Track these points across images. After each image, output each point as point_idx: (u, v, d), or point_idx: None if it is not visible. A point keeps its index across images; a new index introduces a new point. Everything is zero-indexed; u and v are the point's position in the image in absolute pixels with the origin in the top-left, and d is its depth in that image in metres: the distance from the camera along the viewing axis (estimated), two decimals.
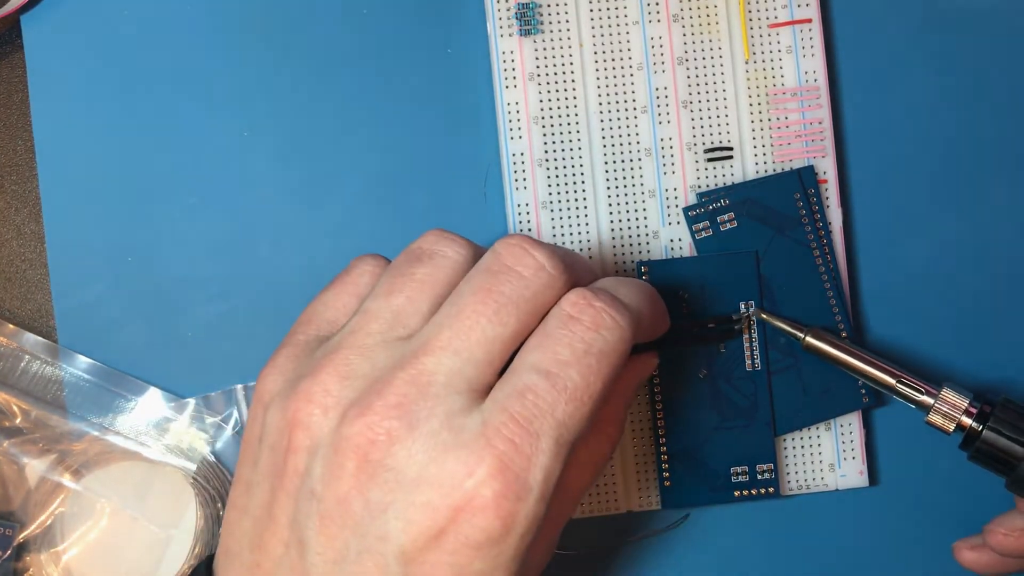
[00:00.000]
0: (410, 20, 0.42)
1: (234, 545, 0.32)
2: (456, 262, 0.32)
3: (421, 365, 0.30)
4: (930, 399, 0.39)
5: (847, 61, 0.43)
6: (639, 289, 0.34)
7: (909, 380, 0.39)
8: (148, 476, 0.41)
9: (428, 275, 0.32)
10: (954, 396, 0.39)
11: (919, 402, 0.39)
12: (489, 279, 0.31)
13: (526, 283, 0.31)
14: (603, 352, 0.31)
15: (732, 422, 0.40)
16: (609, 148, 0.41)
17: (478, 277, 0.31)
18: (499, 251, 0.32)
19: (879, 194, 0.43)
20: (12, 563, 0.40)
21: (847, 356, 0.39)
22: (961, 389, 0.39)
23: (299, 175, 0.42)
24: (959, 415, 0.39)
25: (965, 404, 0.39)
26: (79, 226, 0.41)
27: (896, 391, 0.39)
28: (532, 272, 0.31)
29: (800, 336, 0.40)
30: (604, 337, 0.31)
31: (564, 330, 0.31)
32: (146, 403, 0.41)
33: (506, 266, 0.31)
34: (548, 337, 0.31)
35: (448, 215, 0.42)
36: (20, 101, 0.42)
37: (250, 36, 0.41)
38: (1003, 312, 0.43)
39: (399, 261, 0.33)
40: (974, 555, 0.41)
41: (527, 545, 0.29)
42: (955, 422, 0.39)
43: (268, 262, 0.41)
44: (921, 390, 0.39)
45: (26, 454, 0.40)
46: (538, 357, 0.30)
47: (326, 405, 0.30)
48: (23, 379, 0.41)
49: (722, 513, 0.42)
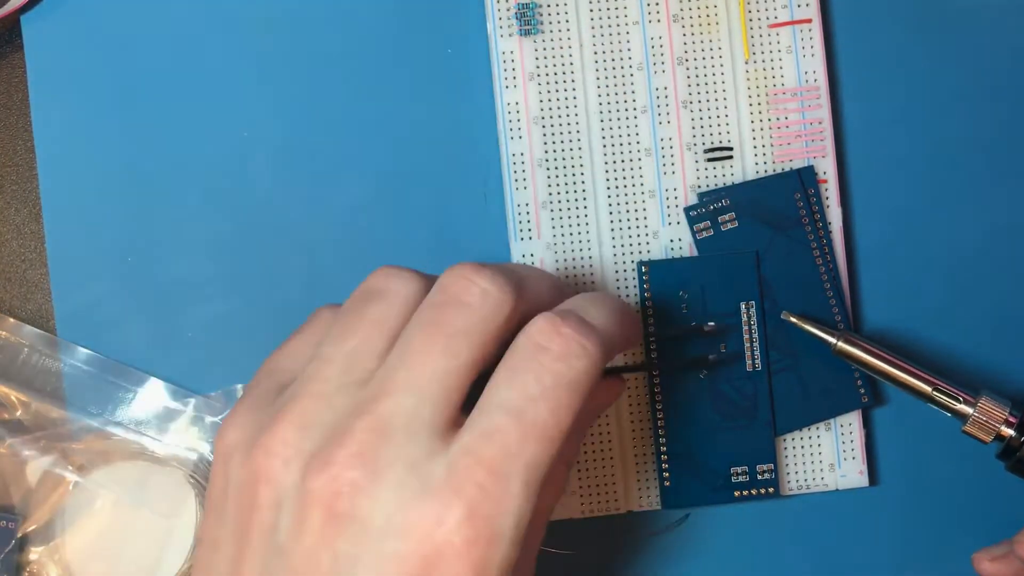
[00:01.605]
0: (410, 20, 0.42)
1: None
2: (407, 298, 0.32)
3: (379, 410, 0.29)
4: (968, 408, 0.38)
5: (847, 61, 0.43)
6: (609, 306, 0.33)
7: (946, 388, 0.38)
8: (149, 474, 0.41)
9: (380, 314, 0.31)
10: (993, 405, 0.38)
11: (957, 411, 0.38)
12: (436, 313, 0.30)
13: (472, 310, 0.30)
14: (572, 382, 0.30)
15: (732, 422, 0.40)
16: (609, 148, 0.41)
17: (425, 312, 0.31)
18: (444, 283, 0.31)
19: (879, 194, 0.43)
20: (15, 556, 0.40)
21: (880, 362, 0.39)
22: (999, 398, 0.38)
23: (299, 175, 0.42)
24: (999, 425, 0.38)
25: (1005, 414, 0.38)
26: (79, 226, 0.41)
27: (933, 399, 0.38)
28: (478, 299, 0.30)
29: (832, 341, 0.39)
30: (573, 367, 0.30)
31: (531, 362, 0.30)
32: (147, 394, 0.41)
33: (451, 296, 0.30)
34: (514, 371, 0.30)
35: (448, 215, 0.42)
36: (20, 101, 0.42)
37: (250, 36, 0.41)
38: (1003, 312, 0.43)
39: (350, 302, 0.32)
40: (996, 567, 0.40)
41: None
42: (994, 432, 0.38)
43: (268, 262, 0.41)
44: (959, 399, 0.38)
45: (27, 448, 0.40)
46: (505, 394, 0.29)
47: (287, 457, 0.29)
48: (23, 371, 0.41)
49: (722, 513, 0.42)
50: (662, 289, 0.40)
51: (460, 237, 0.42)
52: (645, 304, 0.40)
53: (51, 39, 0.41)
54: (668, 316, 0.40)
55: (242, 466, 0.30)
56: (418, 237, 0.41)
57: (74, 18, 0.41)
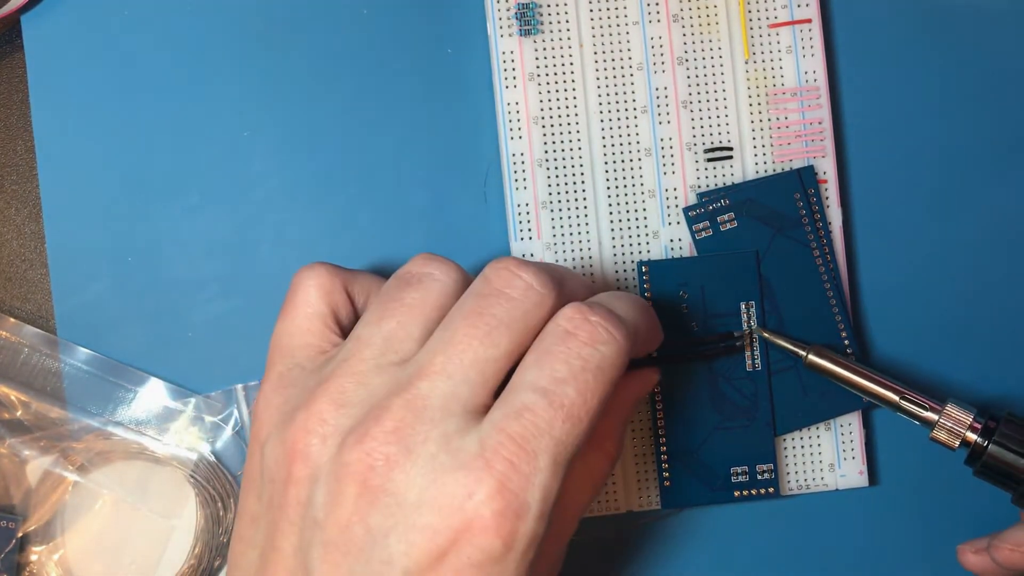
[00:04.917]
0: (410, 20, 0.42)
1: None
2: (446, 285, 0.33)
3: (416, 389, 0.30)
4: (934, 415, 0.39)
5: (847, 61, 0.43)
6: (634, 303, 0.34)
7: (913, 396, 0.39)
8: (149, 474, 0.41)
9: (418, 299, 0.32)
10: (958, 412, 0.39)
11: (923, 418, 0.39)
12: (479, 302, 0.31)
13: (516, 304, 0.31)
14: (600, 367, 0.31)
15: (732, 422, 0.40)
16: (609, 148, 0.41)
17: (469, 302, 0.32)
18: (488, 275, 0.32)
19: (879, 194, 0.43)
20: (15, 556, 0.40)
21: (849, 373, 0.39)
22: (965, 404, 0.39)
23: (299, 175, 0.42)
24: (964, 431, 0.38)
25: (969, 420, 0.38)
26: (79, 226, 0.41)
27: (900, 408, 0.39)
28: (521, 292, 0.32)
29: (802, 354, 0.40)
30: (601, 352, 0.31)
31: (560, 346, 0.31)
32: (146, 394, 0.41)
33: (496, 289, 0.32)
34: (545, 354, 0.31)
35: (448, 215, 0.42)
36: (20, 101, 0.42)
37: (250, 36, 0.41)
38: (1003, 312, 0.43)
39: (389, 286, 0.33)
40: (978, 559, 0.41)
41: (529, 563, 0.30)
42: (960, 438, 0.38)
43: (268, 262, 0.41)
44: (925, 406, 0.39)
45: (27, 448, 0.40)
46: (535, 375, 0.30)
47: (324, 434, 0.31)
48: (23, 371, 0.41)
49: (722, 513, 0.42)
50: (662, 289, 0.40)
51: (460, 237, 0.42)
52: None
53: (51, 39, 0.41)
54: (668, 316, 0.40)
55: (279, 444, 0.31)
56: (418, 237, 0.42)
57: (74, 18, 0.41)
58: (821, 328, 0.41)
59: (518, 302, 0.31)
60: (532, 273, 0.32)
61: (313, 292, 0.34)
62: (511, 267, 0.32)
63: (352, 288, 0.35)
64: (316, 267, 0.35)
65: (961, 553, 0.41)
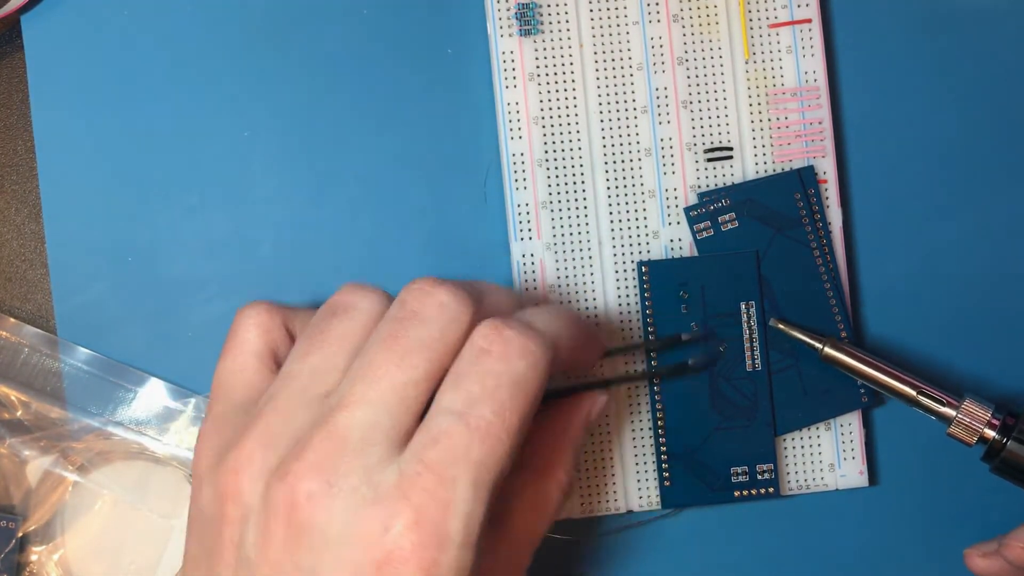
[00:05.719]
0: (410, 20, 0.42)
1: None
2: (370, 314, 0.32)
3: (337, 421, 0.30)
4: (951, 411, 0.38)
5: (847, 61, 0.43)
6: (557, 314, 0.33)
7: (930, 391, 0.39)
8: (149, 474, 0.41)
9: (343, 330, 0.32)
10: (976, 408, 0.38)
11: (940, 414, 0.38)
12: (394, 327, 0.31)
13: (431, 324, 0.31)
14: (515, 383, 0.30)
15: (732, 422, 0.40)
16: (609, 148, 0.41)
17: (385, 327, 0.31)
18: (403, 298, 0.32)
19: (879, 194, 0.43)
20: (15, 556, 0.40)
21: (866, 367, 0.39)
22: (983, 400, 0.39)
23: (299, 175, 0.42)
24: (982, 427, 0.38)
25: (988, 416, 0.38)
26: (79, 226, 0.41)
27: (917, 402, 0.39)
28: (436, 311, 0.31)
29: (818, 347, 0.40)
30: (514, 367, 0.30)
31: (475, 365, 0.30)
32: (146, 394, 0.41)
33: (411, 311, 0.31)
34: (460, 375, 0.30)
35: (448, 215, 0.42)
36: (20, 101, 0.42)
37: (251, 36, 0.41)
38: (1003, 312, 0.43)
39: (316, 318, 0.33)
40: (986, 563, 0.40)
41: None
42: (978, 434, 0.38)
43: (268, 262, 0.41)
44: (943, 401, 0.39)
45: (27, 448, 0.40)
46: (450, 398, 0.30)
47: (251, 473, 0.30)
48: (23, 371, 0.41)
49: (722, 513, 0.42)
50: (662, 289, 0.40)
51: (460, 237, 0.42)
52: (645, 304, 0.40)
53: (51, 39, 0.41)
54: (668, 316, 0.40)
55: (212, 486, 0.31)
56: (418, 237, 0.42)
57: (74, 18, 0.41)
58: (821, 328, 0.41)
59: (433, 322, 0.31)
60: (446, 291, 0.31)
61: (252, 331, 0.34)
62: (425, 287, 0.31)
63: (292, 325, 0.35)
64: (256, 306, 0.35)
65: (969, 558, 0.41)
